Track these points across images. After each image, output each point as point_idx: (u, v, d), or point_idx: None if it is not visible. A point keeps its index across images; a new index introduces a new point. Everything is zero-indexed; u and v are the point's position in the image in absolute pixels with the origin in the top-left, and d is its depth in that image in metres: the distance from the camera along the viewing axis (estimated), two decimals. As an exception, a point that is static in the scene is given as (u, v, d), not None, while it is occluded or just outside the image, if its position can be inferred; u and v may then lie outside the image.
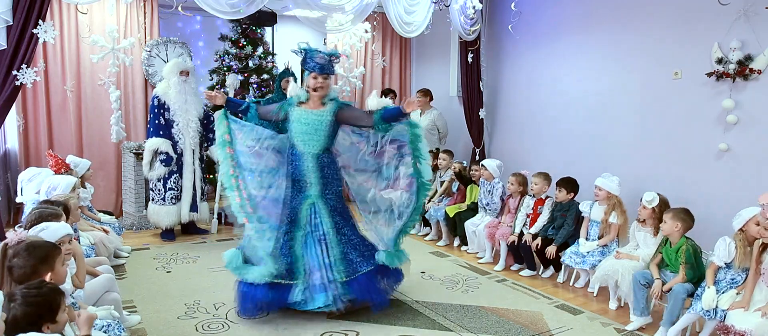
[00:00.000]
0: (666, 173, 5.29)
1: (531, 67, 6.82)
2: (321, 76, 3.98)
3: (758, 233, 3.44)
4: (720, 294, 3.54)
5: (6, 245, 2.46)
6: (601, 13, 5.91)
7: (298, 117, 3.99)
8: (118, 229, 5.27)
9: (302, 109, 4.02)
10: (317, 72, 3.96)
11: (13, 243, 2.45)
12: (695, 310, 3.57)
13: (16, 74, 4.51)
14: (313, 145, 3.99)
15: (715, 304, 3.49)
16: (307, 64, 4.00)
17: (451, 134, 7.74)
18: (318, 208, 4.00)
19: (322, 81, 3.98)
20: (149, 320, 3.87)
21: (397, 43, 8.56)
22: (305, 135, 3.97)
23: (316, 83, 3.98)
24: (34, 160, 6.20)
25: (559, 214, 5.06)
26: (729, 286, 3.58)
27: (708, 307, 3.50)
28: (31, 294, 1.99)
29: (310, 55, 3.97)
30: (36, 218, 3.10)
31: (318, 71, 3.96)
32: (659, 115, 5.39)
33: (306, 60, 4.00)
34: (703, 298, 3.54)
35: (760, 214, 3.46)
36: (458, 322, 4.01)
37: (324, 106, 4.03)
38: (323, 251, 3.92)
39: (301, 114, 3.99)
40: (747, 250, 3.50)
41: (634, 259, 4.27)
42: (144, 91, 6.88)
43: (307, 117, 3.98)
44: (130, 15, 6.68)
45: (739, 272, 3.56)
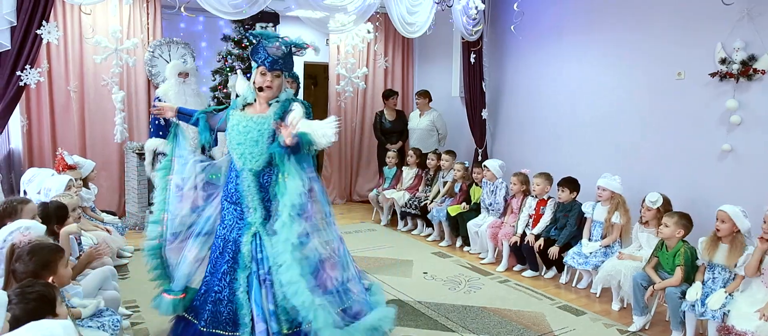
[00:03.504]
0: (669, 174, 5.28)
1: (533, 67, 6.81)
2: (271, 73, 3.13)
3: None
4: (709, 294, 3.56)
5: (13, 246, 2.47)
6: (604, 14, 5.90)
7: (235, 124, 3.15)
8: (121, 229, 5.28)
9: (243, 113, 3.18)
10: (266, 67, 3.12)
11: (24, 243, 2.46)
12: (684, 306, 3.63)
13: (20, 75, 4.52)
14: (252, 160, 3.11)
15: (697, 297, 3.56)
16: (256, 55, 3.15)
17: (454, 135, 7.74)
18: (261, 239, 3.11)
19: (272, 79, 3.13)
20: (151, 320, 3.87)
21: (400, 43, 8.55)
22: (242, 146, 3.12)
23: (264, 81, 3.14)
24: (37, 161, 6.22)
25: (561, 215, 5.05)
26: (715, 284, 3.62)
27: (691, 300, 3.58)
28: (26, 292, 2.00)
29: (264, 43, 3.11)
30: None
31: (267, 67, 3.11)
32: (662, 115, 5.38)
33: (257, 49, 3.15)
34: (688, 292, 3.65)
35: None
36: (460, 322, 4.01)
37: (267, 108, 3.18)
38: (266, 296, 3.06)
39: (240, 120, 3.15)
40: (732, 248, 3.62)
41: (637, 259, 4.27)
42: (147, 92, 6.89)
43: (245, 124, 3.12)
44: (133, 16, 6.69)
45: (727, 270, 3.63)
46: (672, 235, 3.91)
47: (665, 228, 3.95)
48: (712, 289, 3.60)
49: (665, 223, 3.97)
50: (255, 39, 3.18)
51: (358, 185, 8.59)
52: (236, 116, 3.18)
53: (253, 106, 3.21)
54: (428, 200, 6.48)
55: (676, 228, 3.91)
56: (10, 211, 3.10)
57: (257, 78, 3.16)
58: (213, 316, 3.13)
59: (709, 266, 3.71)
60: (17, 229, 2.55)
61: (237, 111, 3.21)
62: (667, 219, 3.97)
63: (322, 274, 3.05)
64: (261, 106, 3.18)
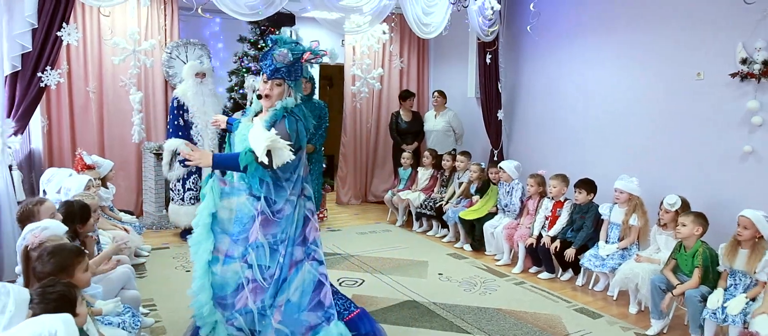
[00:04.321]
0: (688, 176, 5.21)
1: (550, 68, 6.76)
2: (271, 81, 3.02)
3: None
4: (729, 299, 3.51)
5: (27, 248, 2.49)
6: (622, 13, 5.84)
7: (237, 132, 3.11)
8: (138, 228, 5.33)
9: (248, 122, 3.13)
10: (267, 75, 3.03)
11: (34, 246, 2.48)
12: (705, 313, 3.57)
13: (40, 76, 4.58)
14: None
15: (718, 305, 3.49)
16: (262, 61, 3.10)
17: (469, 136, 7.72)
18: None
19: (271, 87, 3.02)
20: (168, 318, 3.90)
21: (415, 44, 8.55)
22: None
23: (264, 89, 3.04)
24: (57, 161, 6.30)
25: (578, 217, 5.01)
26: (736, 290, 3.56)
27: (712, 308, 3.51)
28: (47, 291, 2.01)
29: (273, 49, 3.04)
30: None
31: (268, 74, 3.02)
32: (681, 116, 5.31)
33: (265, 55, 3.08)
34: (709, 299, 3.58)
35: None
36: (476, 324, 3.99)
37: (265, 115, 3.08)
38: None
39: (242, 128, 3.08)
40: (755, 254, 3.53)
41: (655, 262, 4.22)
42: (164, 93, 6.96)
43: (244, 132, 3.02)
44: (151, 17, 6.75)
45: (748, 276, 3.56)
46: (690, 233, 3.87)
47: (683, 227, 3.91)
48: (732, 295, 3.55)
49: (682, 222, 3.93)
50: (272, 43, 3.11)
51: (373, 186, 8.59)
52: (243, 126, 3.10)
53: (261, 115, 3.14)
54: (443, 201, 6.47)
55: (693, 226, 3.86)
56: (27, 214, 3.14)
57: (260, 85, 3.11)
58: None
59: (731, 272, 3.65)
60: (34, 229, 2.58)
61: (247, 119, 3.16)
62: (684, 218, 3.93)
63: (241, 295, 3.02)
64: (265, 114, 3.09)
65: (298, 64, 3.07)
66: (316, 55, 3.10)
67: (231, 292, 3.02)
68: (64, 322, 1.67)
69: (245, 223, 3.01)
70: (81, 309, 2.12)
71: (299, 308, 3.03)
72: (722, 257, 3.68)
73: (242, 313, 3.02)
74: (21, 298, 1.75)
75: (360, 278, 4.92)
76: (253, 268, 3.00)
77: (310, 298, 3.06)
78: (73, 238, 3.17)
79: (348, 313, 3.26)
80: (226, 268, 3.02)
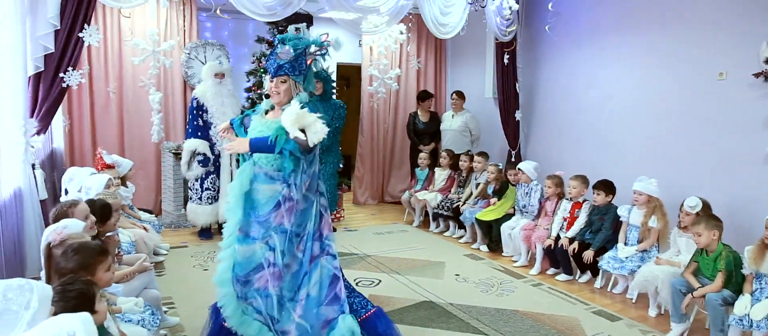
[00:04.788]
0: (709, 178, 5.14)
1: (568, 68, 6.71)
2: (276, 79, 3.10)
3: None
4: (755, 303, 3.45)
5: (49, 245, 2.53)
6: (642, 13, 5.78)
7: (252, 129, 3.17)
8: (157, 227, 5.38)
9: (261, 119, 3.19)
10: (271, 74, 3.12)
11: (56, 243, 2.52)
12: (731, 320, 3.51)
13: (62, 77, 4.65)
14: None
15: (746, 312, 3.41)
16: (267, 63, 3.19)
17: (487, 136, 7.69)
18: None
19: (276, 85, 3.10)
20: (186, 317, 3.94)
21: (433, 44, 8.53)
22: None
23: (270, 87, 3.14)
24: (78, 160, 6.38)
25: (596, 218, 4.97)
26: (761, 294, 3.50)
27: (739, 314, 3.45)
28: (67, 290, 2.03)
29: (275, 50, 3.13)
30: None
31: (271, 73, 3.11)
32: (703, 117, 5.24)
33: (270, 54, 3.18)
34: (736, 305, 3.51)
35: None
36: (493, 325, 3.97)
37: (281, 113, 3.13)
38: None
39: (257, 125, 3.15)
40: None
41: (675, 265, 4.17)
42: (183, 93, 7.02)
43: (260, 129, 3.10)
44: (170, 18, 6.82)
45: None
46: (709, 240, 3.81)
47: (699, 237, 3.83)
48: (757, 300, 3.48)
49: (697, 232, 3.84)
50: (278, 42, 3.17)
51: (390, 186, 8.59)
52: (256, 122, 3.19)
53: (274, 112, 3.21)
54: (461, 202, 6.45)
55: (709, 232, 3.80)
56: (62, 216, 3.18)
57: (267, 83, 3.19)
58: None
59: (756, 276, 3.58)
60: (57, 227, 2.62)
61: (259, 116, 3.22)
62: (697, 228, 3.83)
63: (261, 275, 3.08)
64: (277, 111, 3.16)
65: (301, 58, 3.11)
66: (321, 46, 3.14)
67: (251, 271, 3.08)
68: (82, 322, 1.68)
69: (271, 206, 3.07)
70: (100, 306, 2.14)
71: (318, 303, 3.07)
72: (748, 261, 3.61)
73: (263, 296, 3.06)
74: (44, 294, 1.77)
75: (377, 278, 4.92)
76: (275, 252, 3.05)
77: (327, 292, 3.10)
78: (94, 236, 3.21)
79: (365, 312, 3.27)
80: (247, 247, 3.08)
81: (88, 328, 1.67)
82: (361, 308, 3.28)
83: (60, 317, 1.70)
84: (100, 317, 2.12)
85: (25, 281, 1.76)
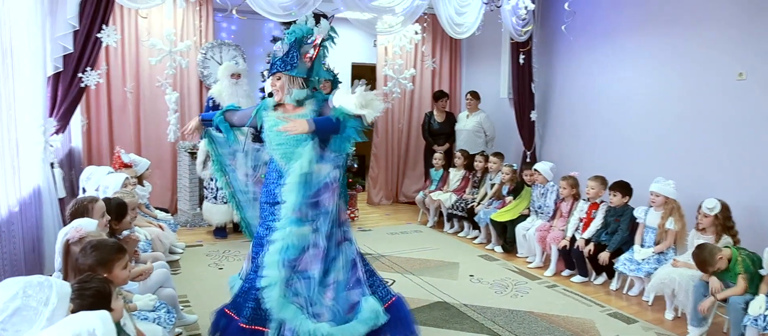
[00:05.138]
0: (728, 179, 5.07)
1: (585, 68, 6.66)
2: (272, 77, 3.23)
3: None
4: None
5: (68, 241, 2.56)
6: (659, 12, 5.72)
7: (272, 125, 3.20)
8: (173, 225, 5.43)
9: (279, 112, 3.24)
10: (269, 73, 3.26)
11: (75, 239, 2.55)
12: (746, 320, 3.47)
13: (81, 76, 4.71)
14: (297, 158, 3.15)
15: (761, 312, 3.38)
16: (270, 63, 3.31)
17: (502, 137, 7.65)
18: None
19: (273, 82, 3.22)
20: (202, 315, 3.96)
21: (448, 44, 8.51)
22: (283, 146, 3.17)
23: (271, 86, 3.27)
24: (96, 159, 6.45)
25: (612, 220, 4.93)
26: None
27: (755, 315, 3.42)
28: (84, 287, 2.05)
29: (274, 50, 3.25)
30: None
31: (270, 71, 3.25)
32: (722, 117, 5.17)
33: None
34: (751, 306, 3.47)
35: None
36: (507, 327, 3.96)
37: (302, 107, 3.22)
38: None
39: (277, 121, 3.19)
40: None
41: (693, 267, 4.11)
42: (199, 93, 7.07)
43: (275, 123, 3.19)
44: (187, 18, 6.88)
45: None
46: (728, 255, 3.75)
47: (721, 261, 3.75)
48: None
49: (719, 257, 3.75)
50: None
51: (404, 186, 8.59)
52: (271, 117, 3.22)
53: (284, 107, 3.25)
54: (475, 203, 6.43)
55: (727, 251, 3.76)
56: (81, 210, 3.23)
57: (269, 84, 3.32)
58: (254, 313, 3.16)
59: None
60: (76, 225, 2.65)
61: (270, 112, 3.26)
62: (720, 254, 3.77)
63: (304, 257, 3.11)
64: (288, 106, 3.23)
65: (292, 51, 3.17)
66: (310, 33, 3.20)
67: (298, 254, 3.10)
68: (102, 320, 1.71)
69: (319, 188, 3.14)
70: (116, 304, 2.16)
71: (345, 286, 3.16)
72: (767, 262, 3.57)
73: (304, 278, 3.10)
74: (63, 291, 1.79)
75: (391, 279, 4.92)
76: (319, 233, 3.12)
77: (349, 275, 3.19)
78: (110, 234, 3.25)
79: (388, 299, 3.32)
80: (302, 229, 3.09)
81: (107, 326, 1.69)
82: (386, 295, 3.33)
83: (80, 314, 1.72)
84: (117, 315, 2.14)
85: (44, 278, 1.78)
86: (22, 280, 1.74)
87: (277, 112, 3.24)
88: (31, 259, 4.02)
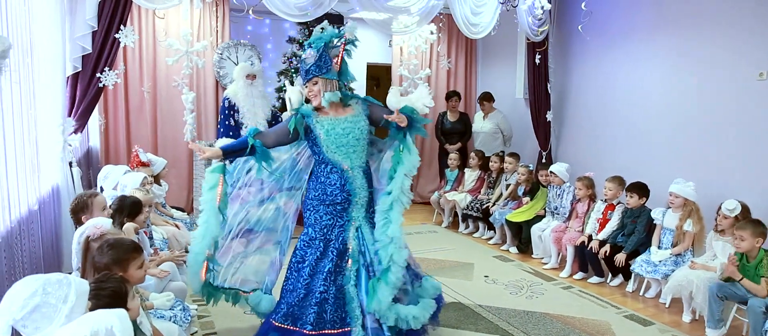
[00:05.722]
0: (747, 181, 5.00)
1: (601, 68, 6.60)
2: (308, 83, 3.28)
3: None
4: None
5: (88, 238, 2.59)
6: (677, 11, 5.65)
7: (330, 127, 3.27)
8: (189, 224, 5.46)
9: (328, 116, 3.30)
10: (303, 79, 3.31)
11: (95, 236, 2.58)
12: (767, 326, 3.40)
13: (99, 76, 4.76)
14: (358, 157, 3.33)
15: None
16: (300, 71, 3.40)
17: (517, 137, 7.62)
18: (364, 232, 3.34)
19: (310, 87, 3.29)
20: (217, 313, 3.99)
21: (463, 44, 8.49)
22: (347, 147, 3.27)
23: (307, 92, 3.32)
24: (113, 158, 6.52)
25: (629, 221, 4.88)
26: None
27: None
28: (101, 287, 2.07)
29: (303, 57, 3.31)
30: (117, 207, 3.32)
31: (303, 79, 3.30)
32: (741, 118, 5.10)
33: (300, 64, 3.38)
34: None
35: None
36: (522, 328, 3.94)
37: (350, 108, 3.35)
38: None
39: (333, 123, 3.27)
40: None
41: (711, 270, 4.07)
42: (215, 93, 7.12)
43: (344, 125, 3.28)
44: (203, 19, 6.93)
45: None
46: (752, 246, 3.70)
47: (742, 242, 3.73)
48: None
49: (740, 236, 3.74)
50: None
51: (419, 187, 8.57)
52: (326, 121, 3.27)
53: (324, 111, 3.31)
54: (490, 203, 6.40)
55: (753, 238, 3.70)
56: (82, 206, 3.28)
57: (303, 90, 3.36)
58: (318, 317, 3.18)
59: None
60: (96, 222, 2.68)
61: (318, 117, 3.29)
62: (741, 232, 3.74)
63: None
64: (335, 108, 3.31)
65: (324, 55, 3.24)
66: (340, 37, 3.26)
67: None
68: (119, 318, 1.73)
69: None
70: (133, 303, 2.18)
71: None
72: None
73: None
74: (81, 289, 1.81)
75: (405, 279, 4.91)
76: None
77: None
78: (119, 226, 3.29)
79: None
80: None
81: (124, 324, 1.72)
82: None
83: (98, 312, 1.75)
84: (133, 314, 2.17)
85: (63, 276, 1.81)
86: (41, 278, 1.77)
87: (328, 116, 3.29)
88: (49, 257, 4.07)
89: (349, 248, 3.29)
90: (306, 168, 3.51)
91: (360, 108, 3.36)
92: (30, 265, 3.51)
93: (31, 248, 3.59)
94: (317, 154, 3.34)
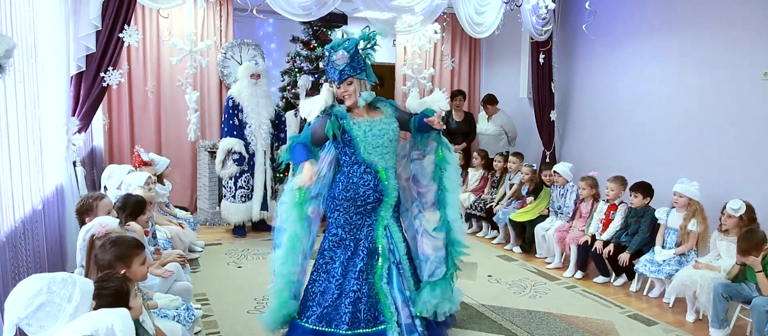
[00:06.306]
0: (752, 180, 4.98)
1: (605, 67, 6.59)
2: (343, 84, 3.26)
3: None
4: None
5: (93, 236, 2.60)
6: (682, 11, 5.64)
7: (366, 129, 3.27)
8: (192, 224, 5.48)
9: (363, 118, 3.31)
10: (337, 81, 3.26)
11: (100, 234, 2.59)
12: None
13: (103, 76, 4.77)
14: (390, 158, 3.36)
15: None
16: (327, 74, 3.36)
17: (521, 137, 7.61)
18: (392, 230, 3.37)
19: (345, 88, 3.26)
20: (220, 313, 4.00)
21: (467, 43, 8.48)
22: (382, 148, 3.29)
23: (341, 93, 3.29)
24: (117, 157, 6.53)
25: (633, 221, 4.87)
26: None
27: None
28: (103, 287, 2.07)
29: (330, 58, 3.29)
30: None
31: (337, 80, 3.26)
32: (745, 118, 5.08)
33: (327, 68, 3.36)
34: None
35: None
36: (525, 327, 3.93)
37: (379, 110, 3.38)
38: (403, 283, 3.34)
39: (370, 124, 3.28)
40: None
41: (715, 269, 4.06)
42: (219, 92, 7.13)
43: (381, 127, 3.29)
44: (207, 18, 6.93)
45: None
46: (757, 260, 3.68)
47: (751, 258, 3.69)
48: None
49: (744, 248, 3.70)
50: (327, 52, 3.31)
51: (422, 186, 8.55)
52: (363, 123, 3.27)
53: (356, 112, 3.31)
54: (494, 202, 6.40)
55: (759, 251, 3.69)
56: (86, 207, 3.29)
57: (336, 91, 3.32)
58: (353, 317, 3.20)
59: None
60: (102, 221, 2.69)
61: (354, 118, 3.28)
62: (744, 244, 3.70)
63: None
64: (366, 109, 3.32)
65: (357, 55, 3.27)
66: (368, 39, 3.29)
67: None
68: (120, 317, 1.74)
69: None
70: (135, 302, 2.19)
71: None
72: None
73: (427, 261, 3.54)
74: (86, 288, 1.82)
75: (408, 278, 4.91)
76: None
77: None
78: None
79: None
80: None
81: (125, 323, 1.72)
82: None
83: (99, 311, 1.76)
84: (135, 313, 2.17)
85: (68, 275, 1.82)
86: (46, 277, 1.77)
87: (363, 118, 3.30)
88: (53, 257, 4.08)
89: (378, 247, 3.31)
90: (328, 173, 3.44)
91: (389, 110, 3.39)
92: (34, 264, 3.52)
93: (36, 248, 3.60)
94: (350, 155, 3.29)
